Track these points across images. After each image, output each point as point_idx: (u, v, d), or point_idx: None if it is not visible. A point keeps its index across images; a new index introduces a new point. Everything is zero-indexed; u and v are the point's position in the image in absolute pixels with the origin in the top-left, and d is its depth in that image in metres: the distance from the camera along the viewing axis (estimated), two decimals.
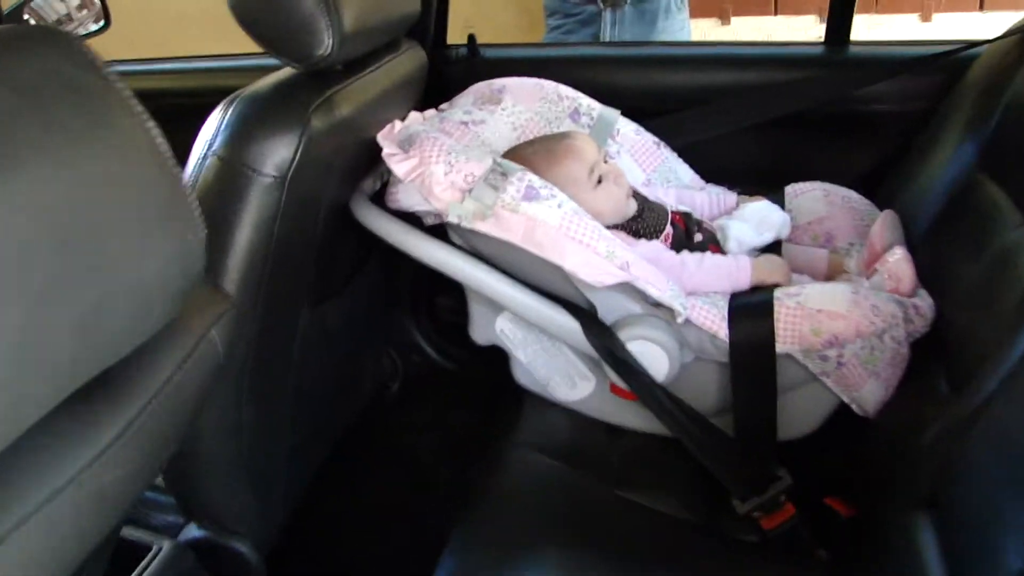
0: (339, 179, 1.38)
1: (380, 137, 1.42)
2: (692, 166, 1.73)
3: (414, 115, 1.56)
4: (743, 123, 1.72)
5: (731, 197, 1.64)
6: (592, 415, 1.50)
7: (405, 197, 1.39)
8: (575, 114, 1.65)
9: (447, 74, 1.88)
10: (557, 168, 1.42)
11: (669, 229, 1.48)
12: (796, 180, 1.70)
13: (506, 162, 1.33)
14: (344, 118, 1.30)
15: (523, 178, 1.30)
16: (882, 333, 1.29)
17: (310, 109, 1.22)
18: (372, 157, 1.40)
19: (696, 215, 1.58)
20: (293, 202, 1.19)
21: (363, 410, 1.91)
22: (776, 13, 3.37)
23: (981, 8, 3.47)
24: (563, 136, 1.48)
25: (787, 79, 1.77)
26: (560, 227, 1.27)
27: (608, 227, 1.40)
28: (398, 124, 1.46)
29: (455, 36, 1.96)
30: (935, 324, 1.30)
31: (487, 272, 1.34)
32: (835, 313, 1.29)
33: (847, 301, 1.30)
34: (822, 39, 1.85)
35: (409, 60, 1.62)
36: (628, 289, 1.32)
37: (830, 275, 1.55)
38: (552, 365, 1.48)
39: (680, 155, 1.73)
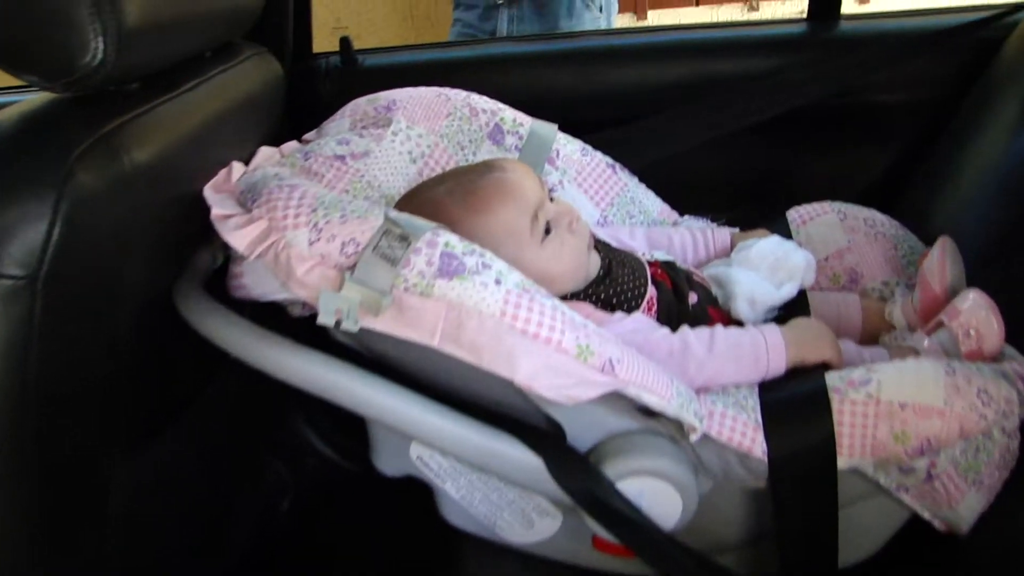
0: (149, 257, 0.93)
1: (209, 190, 0.95)
2: (658, 192, 1.31)
3: (265, 152, 1.09)
4: (720, 131, 1.33)
5: (722, 234, 1.21)
6: (560, 558, 1.08)
7: (254, 282, 0.92)
8: (497, 133, 1.20)
9: (315, 91, 1.49)
10: (485, 217, 0.97)
11: (651, 290, 1.03)
12: (794, 199, 1.32)
13: (407, 217, 0.87)
14: (142, 163, 0.86)
15: (436, 241, 0.84)
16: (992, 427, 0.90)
17: (72, 155, 0.79)
18: (205, 217, 0.95)
19: (680, 263, 1.13)
20: (58, 309, 0.79)
21: (243, 552, 1.44)
22: (698, 4, 3.00)
23: None
24: (488, 168, 1.02)
25: (767, 67, 1.41)
26: (502, 316, 0.81)
27: (563, 298, 0.97)
28: (238, 168, 0.98)
29: (323, 42, 1.53)
30: None
31: (389, 393, 0.88)
32: (927, 408, 0.89)
33: (943, 387, 0.90)
34: (803, 15, 1.45)
35: (254, 71, 1.18)
36: (612, 397, 0.88)
37: (868, 330, 1.16)
38: (496, 501, 1.01)
39: (641, 178, 1.30)
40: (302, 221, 0.85)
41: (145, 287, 0.93)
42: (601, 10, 2.06)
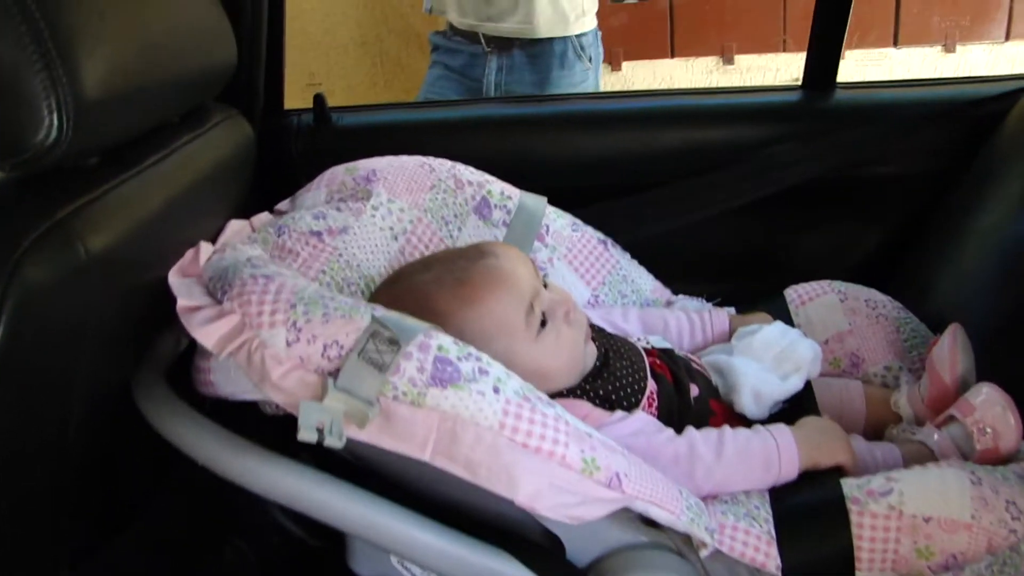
0: (106, 350, 0.85)
1: (175, 276, 0.86)
2: (650, 268, 1.26)
3: (234, 226, 1.01)
4: (716, 209, 1.28)
5: (720, 317, 1.15)
6: None
7: (223, 380, 0.84)
8: (484, 207, 1.13)
9: (287, 150, 1.41)
10: (477, 310, 0.90)
11: (651, 385, 0.96)
12: (789, 273, 1.27)
13: (396, 317, 0.79)
14: (100, 250, 0.78)
15: (428, 344, 0.76)
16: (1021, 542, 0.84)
17: (20, 247, 0.71)
18: (170, 304, 0.85)
19: (677, 350, 1.06)
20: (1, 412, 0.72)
21: None
22: (673, 56, 2.96)
23: (1007, 38, 3.13)
24: (479, 254, 0.95)
25: (760, 136, 1.36)
26: (501, 429, 0.74)
27: (554, 395, 0.90)
28: (206, 248, 0.89)
29: (296, 98, 1.44)
30: None
31: (375, 510, 0.80)
32: (954, 522, 0.84)
33: (969, 500, 0.85)
34: (798, 81, 1.41)
35: (224, 137, 1.10)
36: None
37: (873, 420, 1.10)
38: None
39: (632, 254, 1.25)
40: (279, 319, 0.77)
41: (100, 382, 0.85)
42: (591, 60, 2.00)
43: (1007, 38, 3.06)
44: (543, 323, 0.92)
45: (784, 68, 2.99)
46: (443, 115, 1.44)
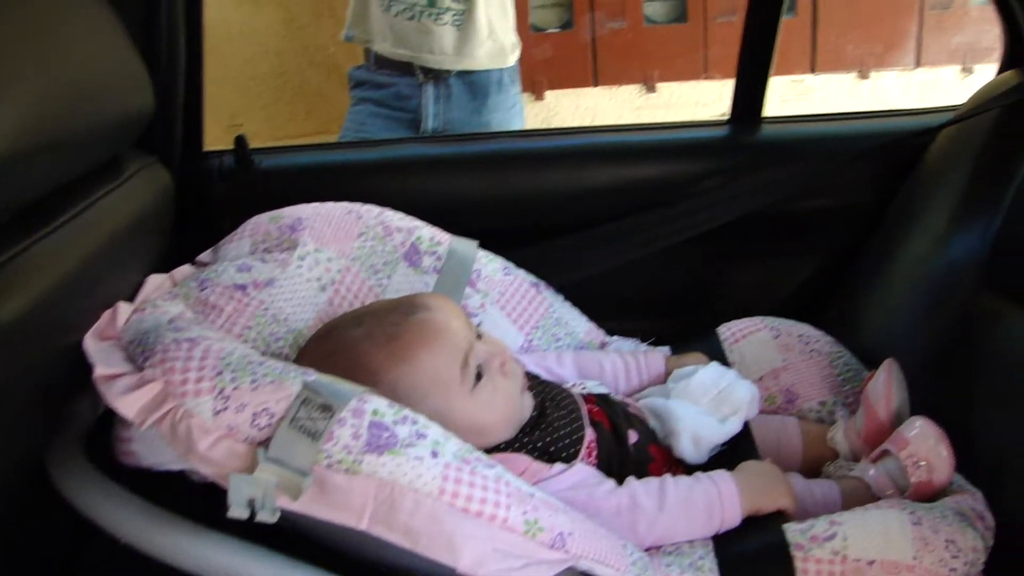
0: (14, 424, 0.79)
1: (91, 340, 0.81)
2: (583, 309, 1.24)
3: (154, 281, 0.96)
4: (648, 250, 1.28)
5: (656, 359, 1.14)
6: None
7: (146, 450, 0.80)
8: (413, 254, 1.10)
9: (207, 195, 1.35)
10: (410, 366, 0.88)
11: (590, 434, 0.94)
12: (722, 309, 1.28)
13: (328, 381, 0.76)
14: (7, 319, 0.73)
15: (362, 409, 0.73)
16: None
17: None
18: (87, 371, 0.80)
19: (613, 394, 1.05)
20: None
21: None
22: (596, 84, 2.98)
23: (917, 65, 3.25)
24: (411, 307, 0.92)
25: (690, 171, 1.35)
26: (441, 495, 0.72)
27: (492, 450, 0.88)
28: (124, 309, 0.85)
29: (215, 138, 1.41)
30: None
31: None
32: (895, 564, 0.84)
33: (911, 541, 0.85)
34: (726, 115, 1.43)
35: (142, 187, 1.06)
36: None
37: (810, 457, 1.10)
38: None
39: (565, 296, 1.23)
40: (205, 387, 0.73)
41: (11, 457, 0.80)
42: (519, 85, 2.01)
43: (917, 65, 3.16)
44: (478, 376, 0.90)
45: (706, 95, 3.04)
46: (369, 156, 1.41)
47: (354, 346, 0.89)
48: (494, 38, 1.91)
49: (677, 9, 2.99)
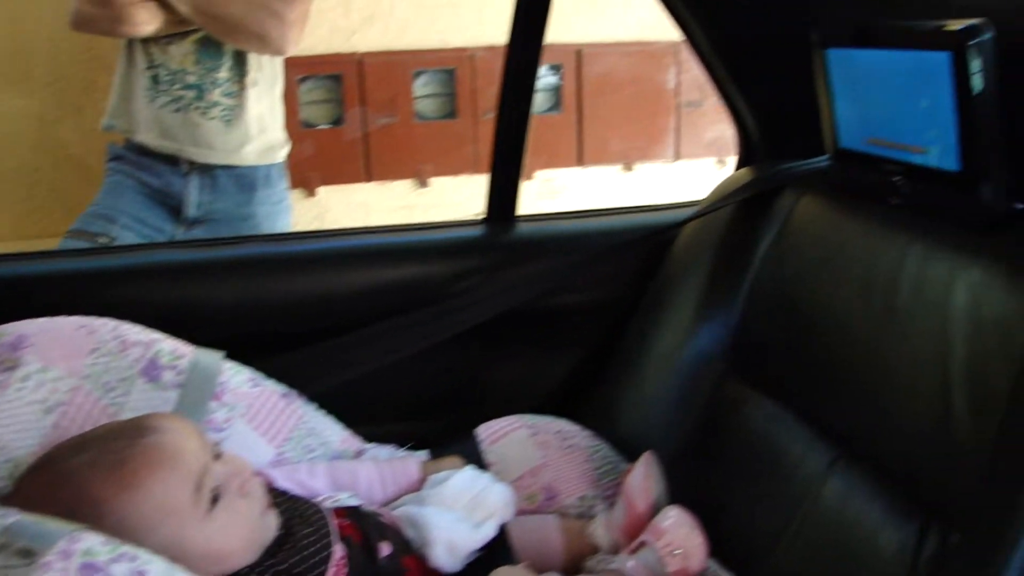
0: None
1: None
2: (338, 416, 1.20)
3: None
4: (402, 354, 1.25)
5: (410, 466, 1.12)
6: None
7: None
8: (152, 369, 1.04)
9: None
10: (137, 494, 0.81)
11: (339, 551, 0.91)
12: (480, 407, 1.28)
13: (32, 521, 0.70)
14: None
15: (71, 550, 0.68)
16: None
17: None
18: None
19: (366, 506, 1.02)
20: None
21: None
22: (369, 180, 2.98)
23: (676, 158, 3.42)
24: (139, 430, 0.86)
25: (448, 271, 1.36)
26: None
27: None
28: None
29: None
30: None
31: None
32: None
33: None
34: (482, 215, 1.46)
35: None
36: None
37: (571, 554, 1.10)
38: None
39: (320, 404, 1.19)
40: None
41: None
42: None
43: (677, 158, 3.38)
44: (215, 500, 0.85)
45: (479, 189, 3.10)
46: (110, 263, 1.33)
47: (75, 476, 0.82)
48: (264, 135, 1.88)
49: (447, 105, 3.06)
